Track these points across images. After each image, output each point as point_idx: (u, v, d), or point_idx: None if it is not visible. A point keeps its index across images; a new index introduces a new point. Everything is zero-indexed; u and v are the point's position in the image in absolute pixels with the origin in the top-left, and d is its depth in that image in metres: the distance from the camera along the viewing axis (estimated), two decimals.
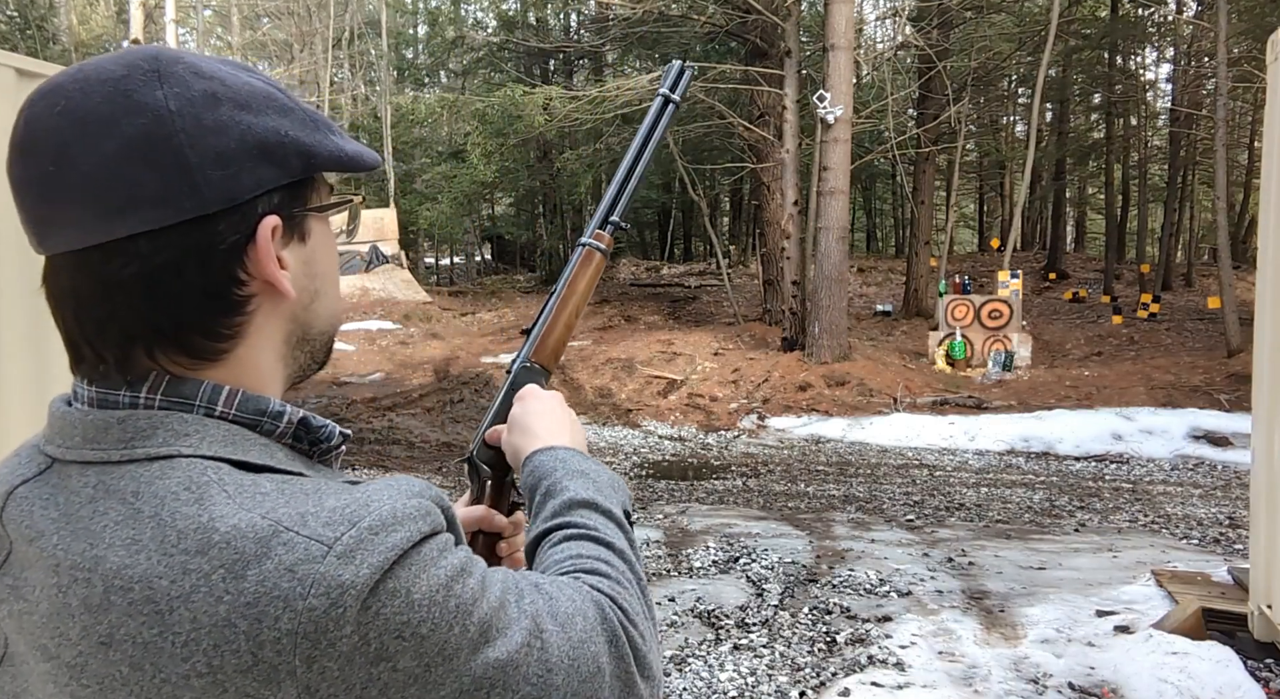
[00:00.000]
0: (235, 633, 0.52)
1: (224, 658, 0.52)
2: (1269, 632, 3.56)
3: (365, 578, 0.54)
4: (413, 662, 0.56)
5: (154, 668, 0.53)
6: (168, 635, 0.52)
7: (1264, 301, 3.55)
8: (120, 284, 0.58)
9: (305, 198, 0.66)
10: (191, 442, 0.59)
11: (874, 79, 18.67)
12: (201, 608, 0.52)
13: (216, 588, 0.53)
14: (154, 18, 17.37)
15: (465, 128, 19.85)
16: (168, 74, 0.59)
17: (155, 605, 0.53)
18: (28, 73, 4.12)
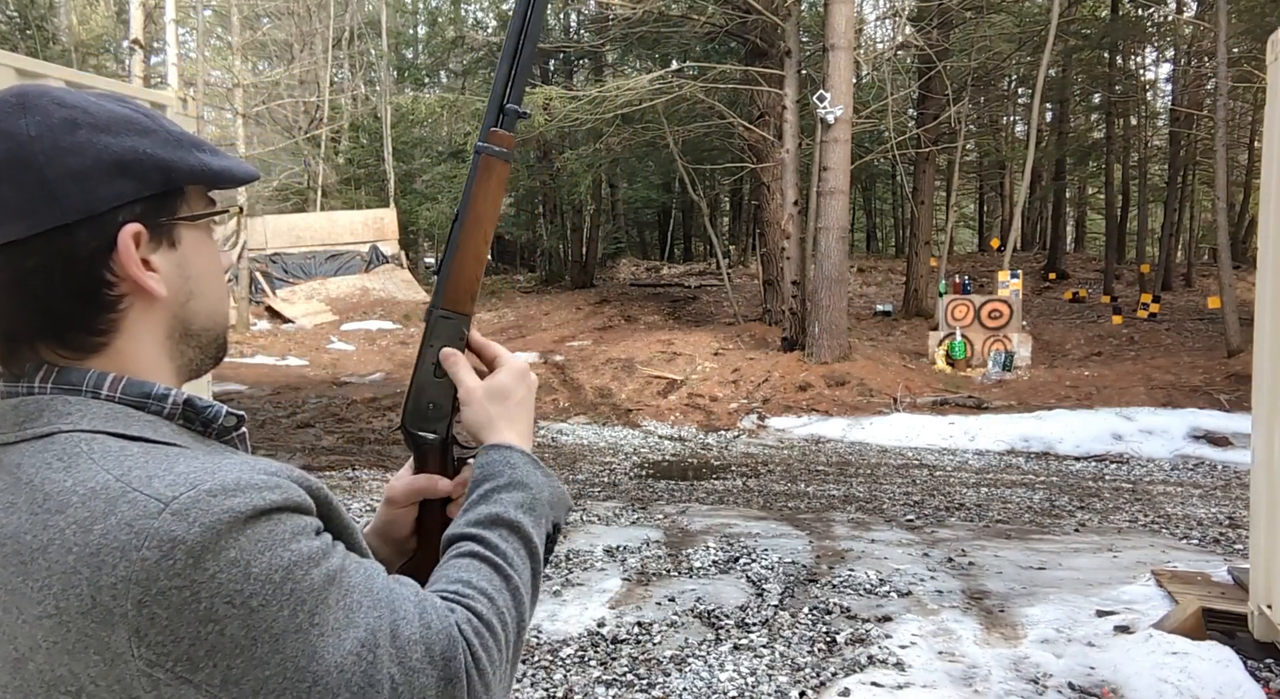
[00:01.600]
0: (79, 579, 0.59)
1: (69, 600, 0.59)
2: (1269, 632, 3.56)
3: (196, 535, 0.59)
4: (240, 631, 0.60)
5: (18, 610, 0.61)
6: (29, 582, 0.60)
7: (1264, 301, 3.55)
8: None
9: (173, 208, 0.72)
10: (72, 419, 0.66)
11: (874, 79, 18.68)
12: (55, 558, 0.60)
13: (68, 541, 0.60)
14: (154, 18, 17.36)
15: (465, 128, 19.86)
16: (31, 106, 0.67)
17: (20, 557, 0.61)
18: (28, 73, 4.12)
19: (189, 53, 23.61)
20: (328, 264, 23.16)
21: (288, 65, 24.30)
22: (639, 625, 4.27)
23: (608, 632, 4.20)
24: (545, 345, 15.73)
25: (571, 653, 3.97)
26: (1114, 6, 20.57)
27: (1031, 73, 19.53)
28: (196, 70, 19.82)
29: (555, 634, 4.19)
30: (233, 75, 21.30)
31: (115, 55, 24.34)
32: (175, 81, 15.75)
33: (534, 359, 14.53)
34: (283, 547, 0.63)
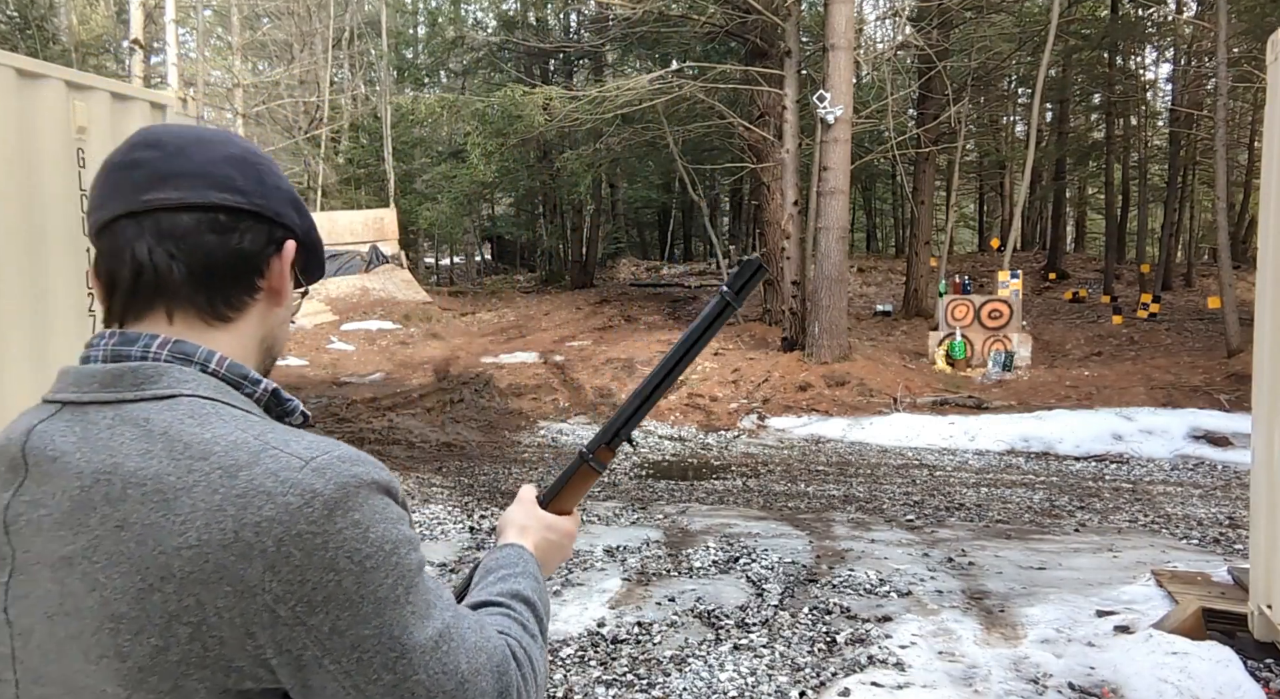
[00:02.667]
0: (224, 516, 0.66)
1: (211, 533, 0.66)
2: (1269, 632, 3.56)
3: (331, 491, 0.68)
4: (353, 586, 0.68)
5: (154, 542, 0.66)
6: (170, 517, 0.67)
7: (1264, 301, 3.55)
8: (184, 238, 0.76)
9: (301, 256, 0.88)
10: (190, 386, 0.74)
11: (874, 79, 18.68)
12: (200, 497, 0.67)
13: (214, 483, 0.67)
14: (154, 18, 17.36)
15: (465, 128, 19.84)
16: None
17: (163, 494, 0.67)
18: (28, 73, 4.11)
19: (189, 53, 23.60)
20: (328, 264, 23.11)
21: (288, 65, 24.30)
22: (639, 625, 4.27)
23: (608, 632, 4.20)
24: (545, 345, 15.73)
25: (571, 653, 3.97)
26: (1114, 6, 20.56)
27: (1031, 73, 19.52)
28: (196, 70, 19.82)
29: (555, 634, 4.19)
30: (233, 75, 21.30)
31: (115, 55, 24.33)
32: (175, 81, 15.75)
33: (534, 359, 14.52)
34: (392, 524, 0.71)
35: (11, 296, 3.99)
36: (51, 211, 4.17)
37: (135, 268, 0.77)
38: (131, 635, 0.66)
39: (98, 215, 0.79)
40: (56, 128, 4.18)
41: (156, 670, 0.66)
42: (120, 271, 0.77)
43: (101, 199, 0.79)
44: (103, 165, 0.80)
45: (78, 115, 4.28)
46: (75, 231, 4.29)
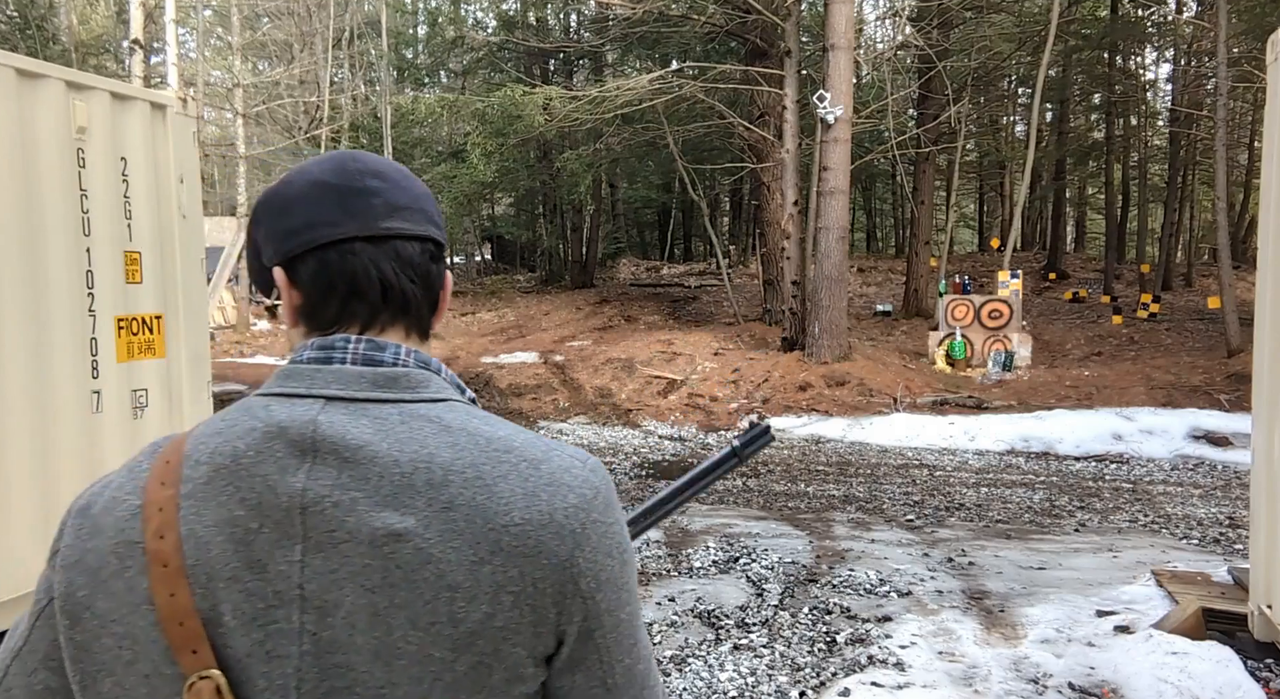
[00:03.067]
0: (539, 500, 0.77)
1: (531, 514, 0.76)
2: (1269, 632, 3.56)
3: (605, 488, 0.82)
4: (619, 573, 0.80)
5: (483, 521, 0.75)
6: (494, 500, 0.75)
7: (1264, 301, 3.55)
8: (418, 266, 0.87)
9: None
10: (448, 392, 0.84)
11: (874, 79, 18.65)
12: (515, 483, 0.77)
13: (524, 472, 0.78)
14: (154, 18, 17.35)
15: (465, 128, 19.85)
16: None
17: (483, 480, 0.76)
18: (28, 73, 4.11)
19: (189, 53, 23.60)
20: None
21: (288, 65, 24.29)
22: None
23: None
24: (545, 345, 15.72)
25: None
26: (1114, 6, 20.56)
27: (1031, 73, 19.52)
28: (196, 70, 19.81)
29: None
30: (233, 75, 21.29)
31: (115, 55, 24.32)
32: (175, 81, 15.75)
33: (534, 359, 14.52)
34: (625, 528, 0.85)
35: (11, 296, 3.99)
36: (51, 211, 4.17)
37: (384, 285, 0.85)
38: (465, 603, 0.74)
39: (328, 231, 0.84)
40: (56, 128, 4.18)
41: (483, 635, 0.74)
42: (365, 286, 0.85)
43: (334, 217, 0.85)
44: (319, 183, 0.86)
45: (78, 115, 4.28)
46: (75, 231, 4.29)
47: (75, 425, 4.26)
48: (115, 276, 4.51)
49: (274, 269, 0.87)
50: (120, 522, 0.77)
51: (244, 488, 0.76)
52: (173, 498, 0.76)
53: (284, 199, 0.88)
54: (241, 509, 0.75)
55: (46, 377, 4.16)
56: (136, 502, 0.77)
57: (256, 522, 0.75)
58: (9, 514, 3.99)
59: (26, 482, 4.05)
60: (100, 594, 0.75)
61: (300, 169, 0.90)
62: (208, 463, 0.77)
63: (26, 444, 4.05)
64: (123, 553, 0.75)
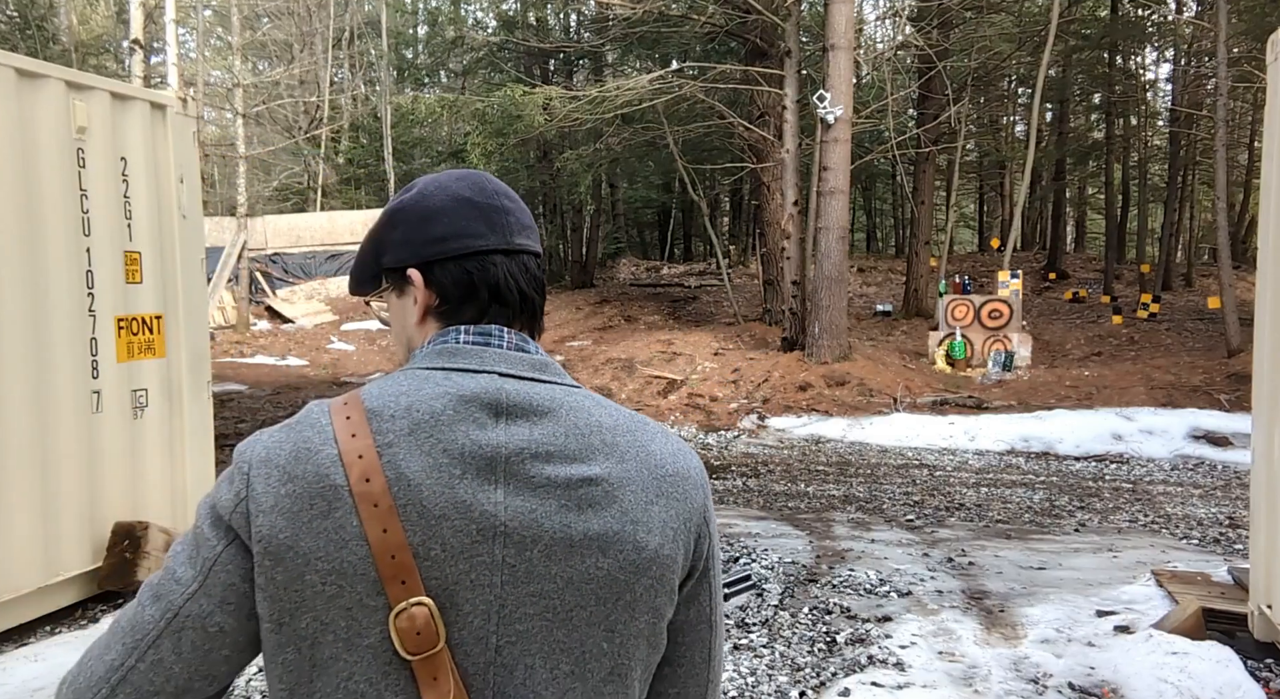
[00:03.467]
0: (684, 455, 0.96)
1: (679, 469, 0.94)
2: (1269, 632, 3.56)
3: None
4: (713, 525, 0.98)
5: (649, 471, 0.91)
6: (653, 456, 0.92)
7: (1264, 301, 3.55)
8: (539, 278, 1.01)
9: None
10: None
11: (874, 79, 18.66)
12: (664, 445, 0.94)
13: (664, 437, 0.96)
14: (154, 18, 17.36)
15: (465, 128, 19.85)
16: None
17: (640, 441, 0.93)
18: (28, 73, 4.11)
19: (189, 53, 23.60)
20: (328, 264, 23.16)
21: (288, 65, 24.29)
22: None
23: None
24: (545, 345, 15.67)
25: None
26: (1114, 6, 20.56)
27: (1031, 73, 19.52)
28: (196, 70, 19.82)
29: None
30: (233, 75, 21.28)
31: (115, 55, 24.32)
32: (175, 81, 15.75)
33: None
34: None
35: (11, 296, 3.99)
36: (51, 212, 4.17)
37: (520, 294, 0.98)
38: (644, 534, 0.89)
39: (473, 242, 0.97)
40: (56, 128, 4.18)
41: (657, 561, 0.89)
42: (505, 293, 0.97)
43: (479, 230, 0.97)
44: (462, 199, 0.98)
45: (78, 115, 4.28)
46: (75, 231, 4.29)
47: (75, 425, 4.26)
48: (115, 276, 4.51)
49: (408, 270, 0.97)
50: (319, 468, 0.83)
51: (446, 440, 0.86)
52: (370, 446, 0.84)
53: (427, 209, 0.99)
54: (445, 457, 0.85)
55: (46, 376, 4.16)
56: (332, 451, 0.84)
57: (459, 468, 0.85)
58: (9, 513, 3.99)
59: (26, 481, 4.05)
60: (305, 534, 0.82)
61: (437, 184, 1.01)
62: (405, 418, 0.86)
63: (26, 444, 4.05)
64: (329, 496, 0.82)
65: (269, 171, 27.16)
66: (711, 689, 0.99)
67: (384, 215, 1.03)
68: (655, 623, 0.90)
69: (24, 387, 4.04)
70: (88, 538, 4.36)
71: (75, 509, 4.28)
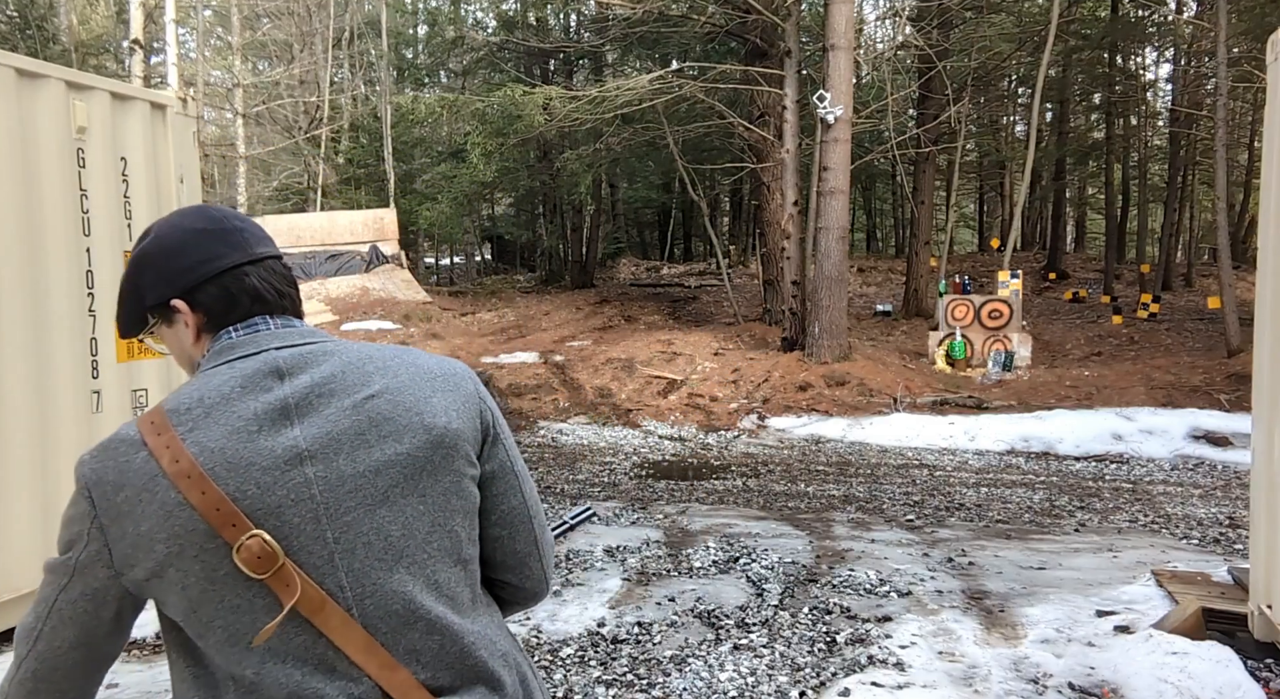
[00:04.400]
0: (445, 364, 1.16)
1: (447, 370, 1.16)
2: (1269, 632, 3.56)
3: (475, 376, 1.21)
4: (500, 415, 1.20)
5: (423, 375, 1.12)
6: (420, 366, 1.14)
7: (1264, 301, 3.55)
8: (286, 276, 1.19)
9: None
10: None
11: (874, 79, 18.65)
12: (427, 359, 1.15)
13: (424, 354, 1.17)
14: (154, 18, 17.35)
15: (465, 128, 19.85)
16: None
17: (406, 359, 1.14)
18: (28, 73, 4.11)
19: (189, 53, 23.59)
20: (328, 264, 23.14)
21: (288, 65, 24.28)
22: (639, 625, 4.27)
23: (608, 632, 4.20)
24: (545, 345, 15.72)
25: (571, 653, 3.97)
26: (1114, 6, 20.56)
27: (1031, 73, 19.52)
28: (196, 70, 19.81)
29: (555, 634, 4.19)
30: (233, 75, 21.29)
31: (115, 55, 24.31)
32: (175, 81, 15.75)
33: (534, 359, 14.52)
34: None
35: (11, 296, 3.99)
36: (51, 211, 4.17)
37: (277, 292, 1.16)
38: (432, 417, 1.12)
39: (221, 262, 1.13)
40: (56, 128, 4.18)
41: (449, 433, 1.10)
42: (264, 294, 1.14)
43: (222, 251, 1.14)
44: (196, 231, 1.15)
45: (78, 115, 4.28)
46: (75, 232, 4.29)
47: (75, 425, 4.26)
48: (115, 277, 4.51)
49: (171, 302, 1.12)
50: (139, 468, 1.00)
51: (239, 410, 1.03)
52: (174, 436, 1.01)
53: (169, 247, 1.13)
54: (241, 422, 1.02)
55: (47, 377, 4.16)
56: (144, 452, 1.00)
57: (255, 425, 1.02)
58: (9, 514, 3.99)
59: (26, 481, 4.04)
60: (143, 519, 0.99)
61: (169, 224, 1.16)
62: (199, 407, 1.03)
63: (26, 444, 4.04)
64: (150, 486, 0.99)
65: (269, 171, 27.15)
66: (536, 522, 1.20)
67: (130, 265, 1.17)
68: (458, 481, 1.10)
69: (24, 387, 4.03)
70: None
71: None
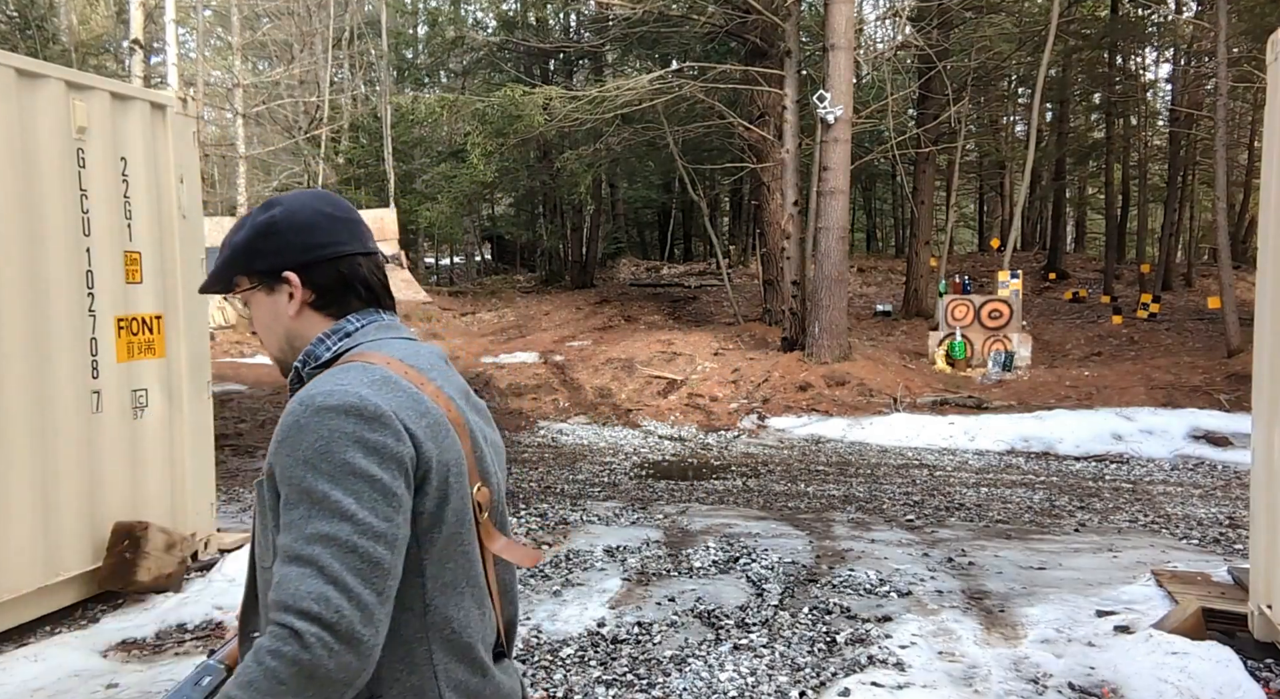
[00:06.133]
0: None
1: None
2: (1269, 632, 3.57)
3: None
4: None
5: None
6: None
7: (1264, 301, 3.55)
8: (385, 271, 1.33)
9: None
10: None
11: (874, 79, 18.64)
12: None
13: None
14: (154, 18, 17.35)
15: (465, 128, 19.82)
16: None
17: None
18: (28, 73, 4.11)
19: (189, 53, 23.58)
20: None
21: (288, 65, 24.27)
22: (639, 625, 4.27)
23: (608, 632, 4.20)
24: (545, 345, 15.72)
25: (571, 653, 3.97)
26: (1114, 6, 20.55)
27: (1031, 73, 19.52)
28: (196, 70, 19.80)
29: (555, 634, 4.19)
30: (233, 75, 21.28)
31: (115, 55, 24.30)
32: (175, 81, 15.75)
33: (534, 359, 14.52)
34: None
35: (12, 296, 3.99)
36: (51, 211, 4.17)
37: (383, 285, 1.29)
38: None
39: (344, 247, 1.24)
40: (56, 128, 4.18)
41: None
42: (372, 284, 1.27)
43: (345, 238, 1.24)
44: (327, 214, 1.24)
45: (78, 115, 4.27)
46: (75, 231, 4.29)
47: (75, 425, 4.26)
48: (115, 276, 4.51)
49: (284, 272, 1.21)
50: (429, 403, 1.16)
51: (453, 380, 1.27)
52: (437, 388, 1.20)
53: (301, 222, 1.21)
54: (456, 391, 1.25)
55: (47, 377, 4.16)
56: (424, 392, 1.17)
57: (463, 399, 1.26)
58: (9, 513, 3.99)
59: (27, 481, 4.04)
60: (438, 446, 1.15)
61: (301, 202, 1.23)
62: (431, 368, 1.22)
63: (26, 444, 4.04)
64: (441, 421, 1.17)
65: (269, 171, 27.13)
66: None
67: (251, 228, 1.23)
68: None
69: (24, 387, 4.03)
70: (88, 538, 4.36)
71: (75, 509, 4.27)
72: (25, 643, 4.07)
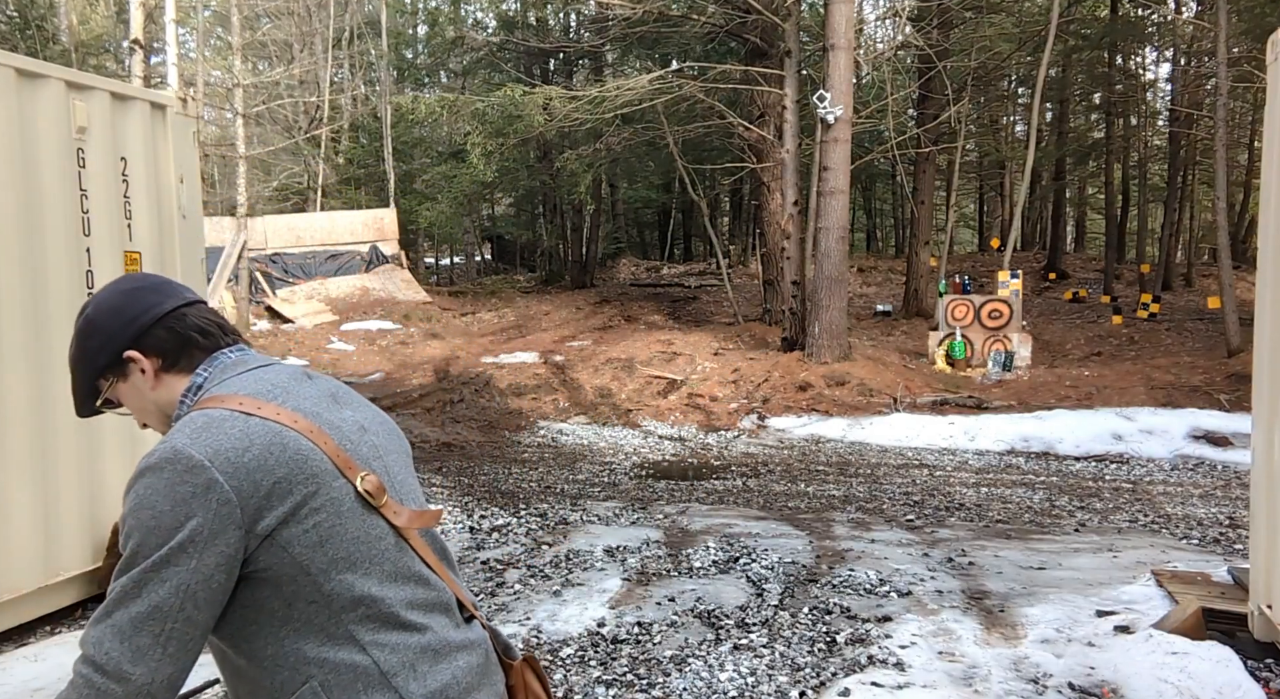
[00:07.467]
0: None
1: None
2: (1269, 632, 3.57)
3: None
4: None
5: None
6: None
7: (1264, 301, 3.55)
8: (215, 313, 1.38)
9: None
10: None
11: (874, 79, 18.64)
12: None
13: None
14: (154, 18, 17.35)
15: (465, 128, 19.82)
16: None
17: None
18: (28, 73, 4.11)
19: (189, 53, 23.59)
20: (328, 264, 23.14)
21: (288, 65, 24.27)
22: (639, 625, 4.27)
23: (608, 632, 4.20)
24: (545, 345, 15.72)
25: (571, 653, 3.97)
26: (1114, 6, 20.55)
27: (1031, 73, 19.52)
28: (196, 70, 19.80)
29: (555, 634, 4.19)
30: (233, 75, 21.27)
31: (115, 55, 24.31)
32: (175, 81, 15.74)
33: (534, 359, 14.52)
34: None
35: (12, 296, 3.99)
36: (51, 211, 4.17)
37: (220, 328, 1.33)
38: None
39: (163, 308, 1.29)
40: (56, 128, 4.18)
41: None
42: (210, 330, 1.32)
43: (159, 300, 1.30)
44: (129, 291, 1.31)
45: (78, 115, 4.27)
46: (75, 231, 4.29)
47: (75, 425, 4.26)
48: (115, 276, 4.51)
49: (126, 352, 1.26)
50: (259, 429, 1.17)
51: (306, 391, 1.28)
52: (277, 406, 1.21)
53: (108, 308, 1.28)
54: (313, 399, 1.28)
55: (46, 377, 4.16)
56: (254, 419, 1.18)
57: (324, 403, 1.29)
58: (9, 513, 3.99)
59: (27, 481, 4.04)
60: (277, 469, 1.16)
61: (103, 293, 1.31)
62: (276, 389, 1.25)
63: (27, 444, 4.04)
64: (278, 440, 1.17)
65: (269, 171, 27.14)
66: None
67: (75, 340, 1.30)
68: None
69: (24, 386, 4.03)
70: (88, 538, 4.36)
71: (75, 509, 4.27)
72: (25, 643, 4.07)
